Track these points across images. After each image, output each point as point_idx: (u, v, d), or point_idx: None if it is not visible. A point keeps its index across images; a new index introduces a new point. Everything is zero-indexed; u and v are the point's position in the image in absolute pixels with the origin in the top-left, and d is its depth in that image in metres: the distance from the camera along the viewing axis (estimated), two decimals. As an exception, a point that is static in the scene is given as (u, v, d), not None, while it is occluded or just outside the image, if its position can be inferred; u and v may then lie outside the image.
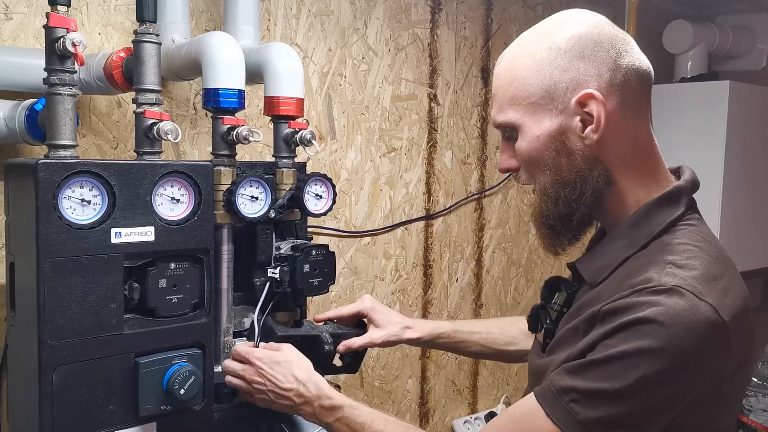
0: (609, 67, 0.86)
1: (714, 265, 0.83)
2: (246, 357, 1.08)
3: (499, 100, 0.92)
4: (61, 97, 0.96)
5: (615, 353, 0.77)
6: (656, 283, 0.79)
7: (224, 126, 1.13)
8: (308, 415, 1.04)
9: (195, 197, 1.03)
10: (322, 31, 1.67)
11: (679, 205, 0.89)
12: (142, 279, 0.99)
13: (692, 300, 0.77)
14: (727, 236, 2.24)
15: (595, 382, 0.79)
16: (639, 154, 0.90)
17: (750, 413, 2.57)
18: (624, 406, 0.78)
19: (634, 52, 0.89)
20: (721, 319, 0.77)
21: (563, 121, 0.87)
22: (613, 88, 0.86)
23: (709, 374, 0.79)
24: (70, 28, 0.94)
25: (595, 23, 0.88)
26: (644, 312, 0.77)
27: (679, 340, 0.75)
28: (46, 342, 0.91)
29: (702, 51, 2.44)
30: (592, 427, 0.79)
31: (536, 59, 0.87)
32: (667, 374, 0.76)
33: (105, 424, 0.96)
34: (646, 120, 0.91)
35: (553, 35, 0.87)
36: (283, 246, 1.21)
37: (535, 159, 0.89)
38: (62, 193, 0.91)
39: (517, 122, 0.89)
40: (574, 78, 0.86)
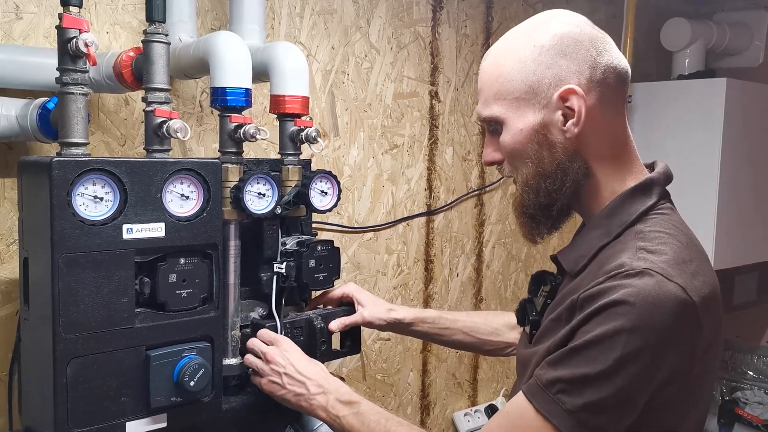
0: (589, 65, 0.91)
1: (684, 251, 0.87)
2: (275, 339, 1.13)
3: (484, 95, 0.96)
4: (73, 96, 0.98)
5: (592, 338, 0.81)
6: (628, 268, 0.82)
7: (232, 124, 1.15)
8: (317, 407, 1.06)
9: (204, 194, 1.05)
10: (325, 30, 1.69)
11: (652, 195, 0.93)
12: (153, 274, 1.02)
13: (661, 281, 0.81)
14: (723, 232, 2.27)
15: (577, 368, 0.82)
16: (615, 148, 0.95)
17: (746, 406, 2.61)
18: (607, 388, 0.81)
19: (612, 51, 0.93)
20: (690, 298, 0.81)
21: (546, 115, 0.92)
22: (593, 85, 0.91)
23: (681, 351, 0.82)
24: (82, 28, 0.96)
25: (576, 23, 0.93)
26: (616, 295, 0.80)
27: (649, 318, 0.79)
28: (60, 335, 0.93)
29: (699, 48, 2.46)
30: (579, 414, 0.82)
31: (521, 56, 0.92)
32: (642, 351, 0.80)
33: (117, 415, 0.99)
34: (623, 116, 0.96)
35: (537, 34, 0.92)
36: (289, 241, 1.24)
37: (519, 151, 0.94)
38: (75, 190, 0.93)
39: (501, 116, 0.94)
40: (556, 74, 0.90)
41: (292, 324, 1.20)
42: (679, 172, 2.45)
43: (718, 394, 2.79)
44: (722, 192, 2.24)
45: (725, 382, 2.78)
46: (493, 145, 0.98)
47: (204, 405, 1.07)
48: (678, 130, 2.33)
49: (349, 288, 1.34)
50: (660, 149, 2.38)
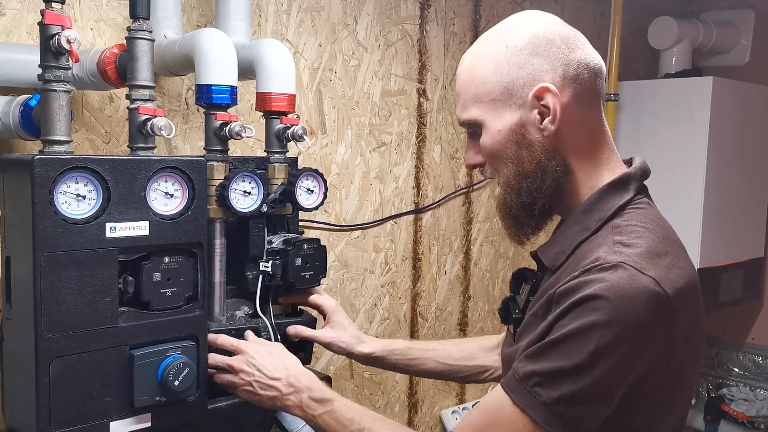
0: (562, 62, 0.91)
1: (660, 244, 0.87)
2: (237, 346, 1.10)
3: (462, 99, 0.97)
4: (56, 93, 0.97)
5: (568, 331, 0.82)
6: (602, 261, 0.84)
7: (217, 122, 1.15)
8: (293, 406, 1.04)
9: (189, 192, 1.04)
10: (312, 27, 1.68)
11: (629, 190, 0.94)
12: (137, 273, 1.01)
13: (634, 274, 0.82)
14: (709, 230, 2.28)
15: (553, 362, 0.83)
16: (593, 144, 0.95)
17: (731, 402, 2.63)
18: (582, 381, 0.81)
19: (585, 48, 0.94)
20: (663, 291, 0.82)
21: (522, 115, 0.92)
22: (567, 82, 0.91)
23: (656, 343, 0.83)
24: (65, 25, 0.95)
25: (547, 22, 0.94)
26: (591, 289, 0.81)
27: (623, 311, 0.80)
28: (42, 335, 0.92)
29: (686, 47, 2.47)
30: (555, 407, 0.82)
31: (495, 58, 0.93)
32: (617, 344, 0.80)
33: (101, 415, 0.98)
34: (599, 111, 0.96)
35: (510, 35, 0.93)
36: (275, 240, 1.23)
37: (498, 152, 0.95)
38: (58, 189, 0.92)
39: (479, 119, 0.95)
40: (530, 74, 0.91)
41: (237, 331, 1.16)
42: (666, 170, 2.48)
43: (704, 391, 2.81)
44: (708, 190, 2.26)
45: (711, 379, 2.80)
46: (474, 148, 0.99)
47: (189, 404, 1.06)
48: (664, 129, 2.34)
49: (328, 303, 1.28)
50: (646, 147, 2.40)
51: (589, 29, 2.47)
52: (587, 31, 2.70)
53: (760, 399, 2.61)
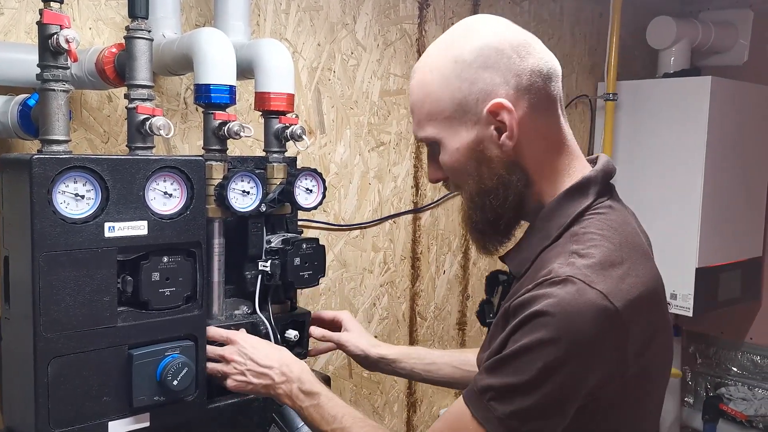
0: (514, 73, 0.88)
1: (615, 253, 0.86)
2: (228, 337, 1.11)
3: (416, 117, 0.95)
4: (54, 92, 0.97)
5: (518, 348, 0.82)
6: (554, 275, 0.83)
7: (216, 121, 1.15)
8: (283, 395, 1.05)
9: (187, 192, 1.04)
10: (311, 26, 1.68)
11: (588, 195, 0.92)
12: (136, 272, 1.01)
13: (582, 288, 0.81)
14: (708, 229, 2.28)
15: (505, 377, 0.83)
16: (553, 150, 0.93)
17: (730, 402, 2.63)
18: (533, 397, 0.82)
19: (536, 52, 0.90)
20: (611, 304, 0.81)
21: (479, 131, 0.90)
22: (521, 93, 0.89)
23: (606, 357, 0.83)
24: (63, 24, 0.95)
25: (494, 31, 0.90)
26: (539, 305, 0.81)
27: (569, 327, 0.80)
28: (41, 335, 0.92)
29: (685, 46, 2.47)
30: (508, 422, 0.83)
31: (444, 74, 0.90)
32: (565, 361, 0.80)
33: (99, 414, 0.98)
34: (557, 116, 0.93)
35: (457, 48, 0.90)
36: (274, 239, 1.23)
37: (458, 170, 0.93)
38: (56, 188, 0.92)
39: (436, 137, 0.93)
40: (482, 89, 0.88)
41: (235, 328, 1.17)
42: (664, 169, 2.47)
43: (703, 390, 2.81)
44: (707, 189, 2.26)
45: (710, 378, 2.80)
46: (434, 163, 0.97)
47: (187, 404, 1.06)
48: (663, 128, 2.34)
49: (342, 315, 1.33)
50: (645, 147, 2.40)
51: (588, 29, 2.48)
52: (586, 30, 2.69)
53: (759, 398, 2.61)
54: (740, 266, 2.46)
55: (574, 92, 2.45)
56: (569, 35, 2.41)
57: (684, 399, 2.83)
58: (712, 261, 2.32)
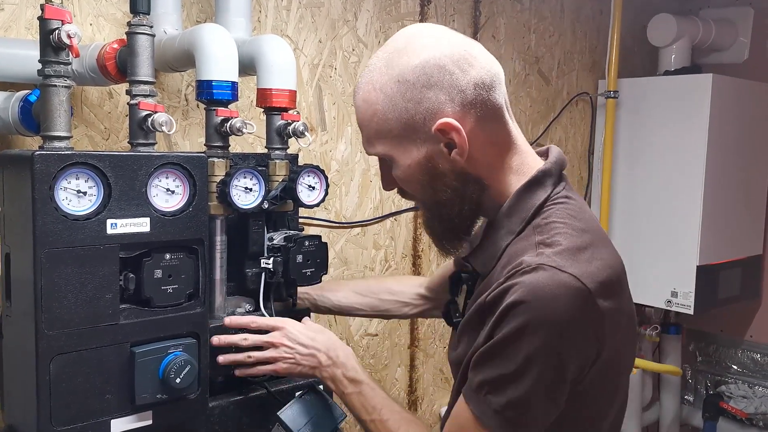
0: (458, 89, 0.89)
1: (579, 239, 0.89)
2: (274, 324, 1.13)
3: (365, 134, 0.96)
4: (56, 88, 0.96)
5: (501, 339, 0.85)
6: (525, 265, 0.86)
7: (218, 118, 1.14)
8: (327, 378, 1.09)
9: (190, 188, 1.04)
10: (312, 23, 1.67)
11: (546, 186, 0.94)
12: (138, 269, 1.00)
13: (554, 273, 0.83)
14: (709, 227, 2.28)
15: (495, 370, 0.86)
16: (504, 154, 0.95)
17: (730, 400, 2.63)
18: (523, 385, 0.84)
19: (477, 63, 0.91)
20: (584, 285, 0.83)
21: (429, 148, 0.91)
22: (467, 107, 0.90)
23: (585, 337, 0.85)
24: (65, 20, 0.94)
25: (433, 45, 0.90)
26: (515, 295, 0.83)
27: (547, 312, 0.82)
28: (43, 332, 0.91)
29: (685, 44, 2.46)
30: (505, 413, 0.85)
31: (389, 94, 0.90)
32: (547, 346, 0.83)
33: (101, 412, 0.97)
34: (505, 120, 0.95)
35: (399, 66, 0.90)
36: (276, 237, 1.23)
37: (412, 185, 0.96)
38: (58, 185, 0.91)
39: (387, 154, 0.94)
40: (428, 108, 0.89)
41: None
42: (665, 167, 2.47)
43: (703, 388, 2.81)
44: (707, 187, 2.26)
45: (710, 377, 2.80)
46: (387, 174, 0.99)
47: (190, 402, 1.05)
48: (664, 126, 2.34)
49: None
50: (646, 145, 2.40)
51: (589, 26, 2.47)
52: (587, 28, 2.69)
53: (759, 396, 2.61)
54: (740, 264, 2.46)
55: (575, 90, 2.45)
56: (570, 33, 2.41)
57: (684, 397, 2.83)
58: (712, 259, 2.32)
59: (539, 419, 0.87)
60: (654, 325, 2.53)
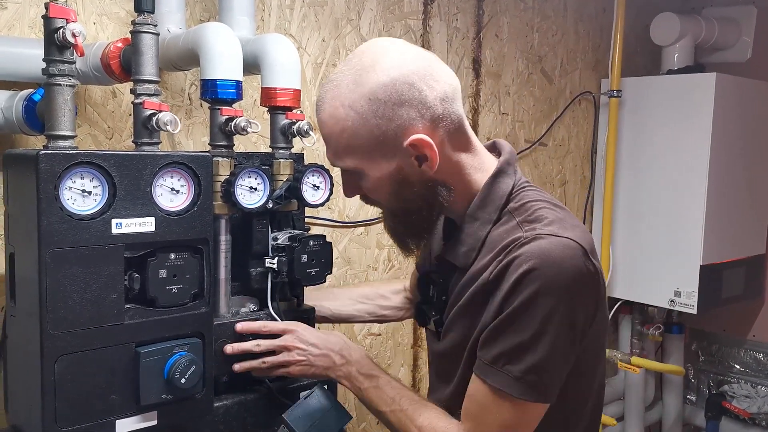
0: (427, 105, 0.93)
1: (555, 213, 0.96)
2: (285, 327, 1.13)
3: (332, 148, 0.99)
4: (60, 87, 0.96)
5: (516, 308, 0.90)
6: (522, 239, 0.92)
7: (222, 117, 1.13)
8: (343, 377, 1.10)
9: (194, 188, 1.03)
10: (315, 22, 1.67)
11: (509, 175, 1.01)
12: (143, 269, 0.99)
13: (552, 239, 0.91)
14: (712, 226, 2.28)
15: (512, 339, 0.91)
16: (467, 158, 1.01)
17: (733, 399, 2.63)
18: (542, 348, 0.89)
19: (440, 77, 0.95)
20: (581, 246, 0.91)
21: (399, 161, 0.96)
22: (436, 121, 0.95)
23: (590, 294, 0.92)
24: (69, 18, 0.93)
25: (400, 62, 0.93)
26: (525, 266, 0.89)
27: (556, 274, 0.88)
28: (48, 332, 0.91)
29: (688, 43, 2.46)
30: (526, 378, 0.90)
31: (359, 111, 0.93)
32: (560, 306, 0.89)
33: (106, 413, 0.97)
34: (465, 127, 1.00)
35: (369, 83, 0.92)
36: (281, 236, 1.22)
37: (380, 194, 1.00)
38: (63, 184, 0.91)
39: (356, 167, 0.98)
40: (399, 125, 0.93)
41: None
42: (668, 166, 2.46)
43: (705, 388, 2.81)
44: (711, 186, 2.25)
45: (712, 376, 2.80)
46: (351, 183, 1.02)
47: (195, 402, 1.05)
48: (667, 125, 2.34)
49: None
50: (649, 144, 2.39)
51: (592, 25, 2.47)
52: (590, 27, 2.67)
53: (762, 396, 2.61)
54: (744, 263, 2.46)
55: (578, 89, 2.44)
56: (573, 32, 2.40)
57: (686, 397, 2.83)
58: (716, 258, 2.31)
59: (556, 380, 0.92)
60: (657, 325, 2.52)
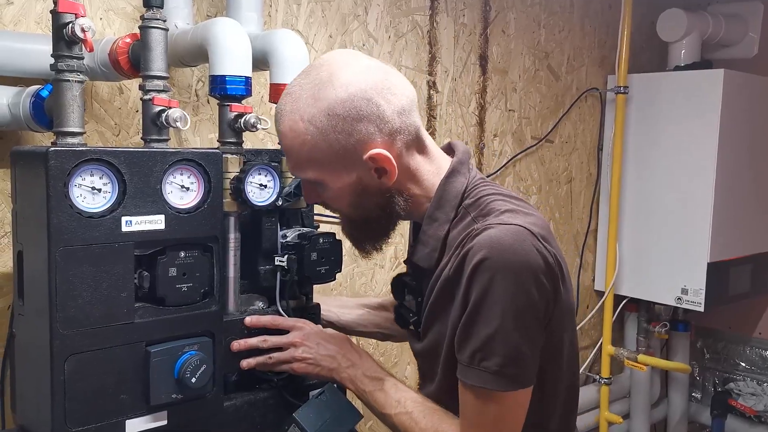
0: (385, 119, 0.95)
1: (509, 204, 0.98)
2: (294, 324, 1.13)
3: (293, 160, 1.00)
4: (69, 83, 0.95)
5: (477, 300, 0.91)
6: (473, 231, 0.94)
7: (232, 113, 1.12)
8: (347, 379, 1.09)
9: (205, 185, 1.02)
10: (323, 18, 1.66)
11: (462, 174, 1.03)
12: (152, 267, 0.98)
13: (502, 228, 0.92)
14: (719, 223, 2.26)
15: (479, 334, 0.91)
16: (424, 165, 1.02)
17: (739, 397, 2.62)
18: (511, 336, 0.90)
19: (397, 89, 0.96)
20: (528, 230, 0.92)
21: (359, 173, 0.97)
22: (393, 135, 0.96)
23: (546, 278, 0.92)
24: (78, 13, 0.92)
25: (359, 77, 0.94)
26: (476, 257, 0.90)
27: (508, 259, 0.89)
28: (58, 331, 0.90)
29: (695, 39, 2.44)
30: (504, 370, 0.90)
31: (319, 127, 0.94)
32: (518, 291, 0.90)
33: (116, 413, 0.95)
34: (422, 136, 1.01)
35: (327, 99, 0.93)
36: (290, 234, 1.21)
37: (342, 204, 1.03)
38: (73, 181, 0.90)
39: (317, 179, 0.99)
40: (359, 140, 0.95)
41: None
42: (676, 163, 2.45)
43: (711, 386, 2.80)
44: (718, 183, 2.24)
45: (718, 374, 2.79)
46: (313, 192, 1.04)
47: (205, 402, 1.04)
48: (674, 122, 2.32)
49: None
50: (656, 141, 2.38)
51: (598, 21, 2.45)
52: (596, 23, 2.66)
53: (768, 393, 2.61)
54: (750, 260, 2.44)
55: (584, 85, 2.43)
56: (579, 28, 2.39)
57: (691, 394, 2.82)
58: (722, 255, 2.30)
59: (532, 363, 0.93)
60: (663, 322, 2.51)
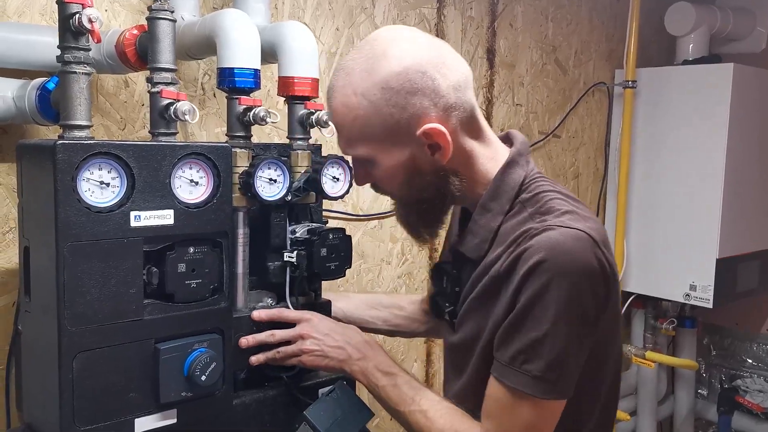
0: (439, 94, 0.93)
1: (568, 205, 0.96)
2: (301, 316, 1.11)
3: (345, 136, 0.98)
4: (75, 75, 0.92)
5: (527, 302, 0.89)
6: (532, 230, 0.92)
7: (240, 106, 1.10)
8: (358, 372, 1.06)
9: (214, 180, 1.00)
10: (330, 11, 1.63)
11: (521, 166, 1.01)
12: (161, 263, 0.96)
13: (562, 231, 0.90)
14: (728, 219, 2.25)
15: (527, 335, 0.89)
16: (480, 148, 1.00)
17: (746, 394, 2.61)
18: (558, 342, 0.88)
19: (452, 65, 0.94)
20: (591, 237, 0.90)
21: (412, 150, 0.95)
22: (449, 111, 0.94)
23: (599, 283, 0.90)
24: (85, 3, 0.90)
25: (414, 50, 0.92)
26: (534, 258, 0.88)
27: (566, 265, 0.87)
28: (66, 328, 0.88)
29: (703, 33, 2.42)
30: (547, 375, 0.88)
31: (372, 100, 0.92)
32: (571, 297, 0.87)
33: (125, 411, 0.94)
34: (477, 116, 0.99)
35: (381, 73, 0.92)
36: (299, 229, 1.19)
37: (393, 184, 1.00)
38: (81, 176, 0.88)
39: (369, 156, 0.97)
40: (413, 114, 0.92)
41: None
42: (684, 158, 2.43)
43: (718, 382, 2.79)
44: (727, 178, 2.22)
45: (725, 370, 2.77)
46: (363, 170, 1.01)
47: (215, 400, 1.02)
48: (683, 116, 2.31)
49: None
50: (664, 136, 2.36)
51: (606, 14, 2.43)
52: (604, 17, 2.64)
53: (775, 390, 2.59)
54: (758, 256, 2.43)
55: (592, 79, 2.41)
56: (587, 21, 2.37)
57: (698, 391, 2.81)
58: (731, 251, 2.28)
59: (574, 374, 0.91)
60: (670, 319, 2.50)
